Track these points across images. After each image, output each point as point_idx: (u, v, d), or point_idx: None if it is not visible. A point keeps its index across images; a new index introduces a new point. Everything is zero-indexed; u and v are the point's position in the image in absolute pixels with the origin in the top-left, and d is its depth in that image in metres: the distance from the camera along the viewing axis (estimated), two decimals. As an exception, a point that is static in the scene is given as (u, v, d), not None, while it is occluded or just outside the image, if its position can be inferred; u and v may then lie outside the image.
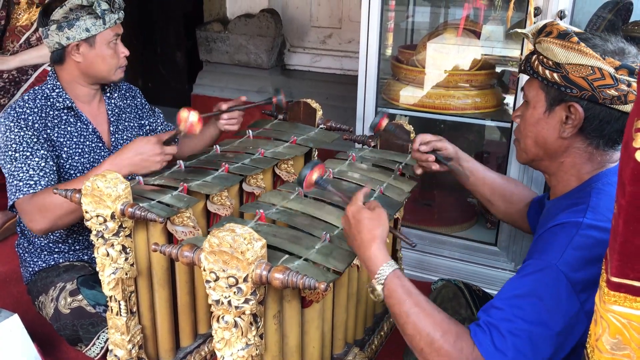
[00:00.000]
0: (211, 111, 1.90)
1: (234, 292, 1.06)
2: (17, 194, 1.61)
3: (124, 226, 1.37)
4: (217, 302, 1.09)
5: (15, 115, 1.68)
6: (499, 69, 2.41)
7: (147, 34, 4.61)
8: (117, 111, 1.90)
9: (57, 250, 1.84)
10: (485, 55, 2.36)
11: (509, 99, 2.35)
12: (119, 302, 1.43)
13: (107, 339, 1.58)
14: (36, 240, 1.84)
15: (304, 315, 1.33)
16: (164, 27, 4.54)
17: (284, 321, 1.27)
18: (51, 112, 1.74)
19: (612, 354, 0.73)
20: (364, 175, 1.66)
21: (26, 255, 1.88)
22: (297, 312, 1.28)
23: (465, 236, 2.38)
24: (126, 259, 1.40)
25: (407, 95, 2.37)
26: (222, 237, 1.05)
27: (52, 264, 1.84)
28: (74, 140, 1.78)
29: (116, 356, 1.48)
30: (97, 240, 1.37)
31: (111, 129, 1.87)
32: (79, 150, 1.78)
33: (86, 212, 1.36)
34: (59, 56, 1.74)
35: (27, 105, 1.71)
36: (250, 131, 1.92)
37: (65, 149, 1.75)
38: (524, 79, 1.26)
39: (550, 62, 1.13)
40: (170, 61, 4.61)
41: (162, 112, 2.11)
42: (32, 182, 1.62)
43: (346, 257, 1.24)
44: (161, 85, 4.69)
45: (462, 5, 2.56)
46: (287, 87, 3.92)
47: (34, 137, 1.67)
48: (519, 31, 1.31)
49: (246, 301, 1.07)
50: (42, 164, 1.65)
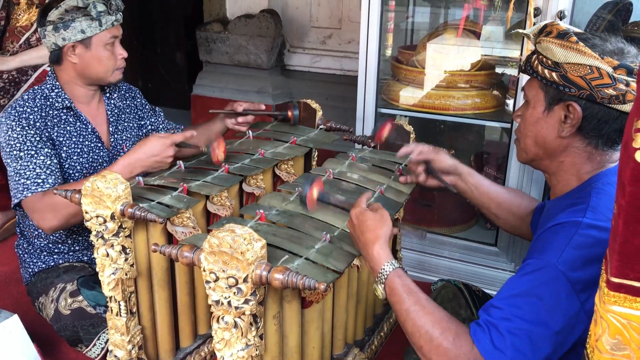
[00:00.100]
0: (212, 110, 1.93)
1: (234, 293, 1.06)
2: (25, 192, 1.61)
3: (123, 227, 1.37)
4: (217, 302, 1.09)
5: (16, 114, 1.68)
6: (498, 70, 2.41)
7: (147, 35, 4.61)
8: (116, 111, 1.90)
9: (56, 251, 1.84)
10: (485, 55, 2.37)
11: (509, 100, 2.35)
12: (119, 302, 1.43)
13: (107, 340, 1.58)
14: (36, 241, 1.84)
15: (304, 315, 1.33)
16: (164, 28, 4.54)
17: (284, 322, 1.27)
18: (51, 112, 1.74)
19: (612, 354, 0.73)
20: (364, 176, 1.66)
21: (26, 256, 1.88)
22: (297, 312, 1.28)
23: (465, 237, 2.38)
24: (126, 260, 1.39)
25: (407, 95, 2.37)
26: (222, 237, 1.05)
27: (52, 264, 1.84)
28: (73, 140, 1.78)
29: (116, 357, 1.48)
30: (97, 240, 1.37)
31: (110, 129, 1.87)
32: (78, 150, 1.78)
33: (86, 212, 1.36)
34: (56, 57, 1.74)
35: (27, 104, 1.71)
36: (250, 132, 1.92)
37: (64, 148, 1.75)
38: (525, 79, 1.27)
39: (549, 62, 1.13)
40: (170, 62, 4.61)
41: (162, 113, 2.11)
42: (39, 181, 1.62)
43: (346, 257, 1.24)
44: (161, 85, 4.69)
45: (462, 5, 2.56)
46: (287, 88, 3.92)
47: (36, 135, 1.67)
48: (520, 32, 1.31)
49: (246, 302, 1.07)
50: (48, 162, 1.66)
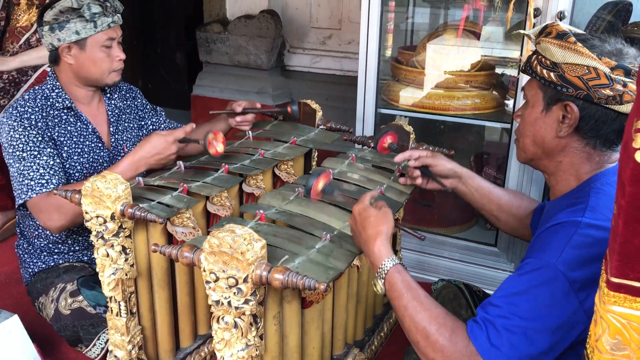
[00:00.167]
0: (212, 112, 1.94)
1: (234, 293, 1.06)
2: (30, 193, 1.61)
3: (123, 227, 1.37)
4: (217, 302, 1.09)
5: (17, 114, 1.68)
6: (498, 70, 2.41)
7: (148, 35, 4.61)
8: (117, 112, 1.90)
9: (56, 251, 1.84)
10: (484, 56, 2.37)
11: (509, 100, 2.35)
12: (119, 302, 1.43)
13: (107, 340, 1.59)
14: (36, 241, 1.84)
15: (304, 315, 1.33)
16: (164, 28, 4.54)
17: (284, 322, 1.27)
18: (51, 112, 1.75)
19: (612, 354, 0.73)
20: (364, 176, 1.66)
21: (26, 256, 1.88)
22: (297, 312, 1.28)
23: (465, 237, 2.38)
24: (126, 260, 1.39)
25: (407, 96, 2.37)
26: (222, 237, 1.05)
27: (52, 264, 1.84)
28: (74, 139, 1.78)
29: (116, 357, 1.48)
30: (97, 241, 1.37)
31: (111, 129, 1.87)
32: (79, 150, 1.78)
33: (86, 212, 1.36)
34: (54, 57, 1.74)
35: (28, 104, 1.71)
36: (250, 132, 1.92)
37: (65, 148, 1.75)
38: (525, 79, 1.27)
39: (548, 62, 1.14)
40: (170, 62, 4.61)
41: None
42: (43, 181, 1.62)
43: (346, 257, 1.24)
44: (161, 86, 4.69)
45: (461, 6, 2.56)
46: (287, 88, 3.92)
47: (38, 135, 1.67)
48: (522, 32, 1.32)
49: (246, 302, 1.07)
50: (51, 163, 1.66)
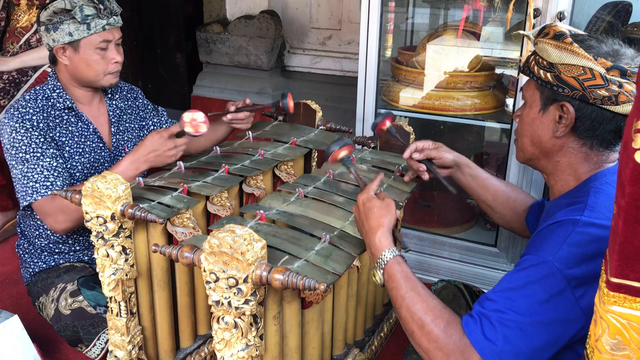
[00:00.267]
0: (211, 112, 1.92)
1: (234, 293, 1.06)
2: (35, 196, 1.62)
3: (124, 227, 1.37)
4: (217, 303, 1.09)
5: (19, 115, 1.68)
6: (498, 71, 2.41)
7: (147, 35, 4.61)
8: (118, 112, 1.90)
9: (57, 251, 1.84)
10: (484, 56, 2.37)
11: (509, 100, 2.35)
12: (119, 303, 1.43)
13: (107, 340, 1.58)
14: (36, 241, 1.84)
15: (304, 316, 1.33)
16: (164, 29, 4.54)
17: (284, 322, 1.27)
18: (52, 112, 1.75)
19: (612, 354, 0.73)
20: (364, 176, 1.66)
21: (26, 256, 1.88)
22: (297, 313, 1.28)
23: (465, 237, 2.38)
24: (126, 260, 1.39)
25: (407, 96, 2.37)
26: (222, 237, 1.05)
27: (53, 264, 1.84)
28: (75, 140, 1.78)
29: (116, 357, 1.48)
30: (97, 241, 1.37)
31: (112, 129, 1.87)
32: (80, 150, 1.78)
33: (86, 213, 1.36)
34: (52, 57, 1.74)
35: (29, 105, 1.71)
36: (250, 132, 1.92)
37: (67, 148, 1.75)
38: (524, 80, 1.28)
39: (544, 62, 1.15)
40: (170, 62, 4.61)
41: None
42: (48, 183, 1.62)
43: (346, 258, 1.24)
44: (161, 86, 4.69)
45: (461, 6, 2.56)
46: (286, 89, 3.92)
47: (40, 137, 1.68)
48: (522, 33, 1.32)
49: (246, 302, 1.07)
50: (54, 164, 1.66)
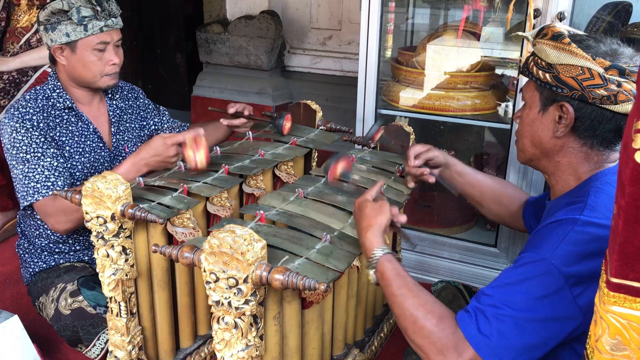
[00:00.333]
0: (210, 108, 2.01)
1: (234, 293, 1.06)
2: (36, 196, 1.62)
3: (124, 227, 1.37)
4: (217, 303, 1.09)
5: (19, 115, 1.68)
6: (498, 71, 2.41)
7: (148, 35, 4.61)
8: (118, 112, 1.90)
9: (57, 250, 1.84)
10: (484, 56, 2.37)
11: (509, 101, 2.35)
12: (119, 303, 1.42)
13: (107, 340, 1.58)
14: (37, 240, 1.84)
15: (304, 316, 1.33)
16: (164, 29, 4.54)
17: (284, 322, 1.27)
18: (53, 112, 1.75)
19: (612, 354, 0.73)
20: (364, 176, 1.66)
21: (26, 255, 1.88)
22: (297, 313, 1.28)
23: (465, 237, 2.38)
24: (126, 260, 1.39)
25: (407, 96, 2.37)
26: (222, 238, 1.05)
27: (53, 264, 1.84)
28: (75, 139, 1.78)
29: (116, 357, 1.48)
30: (98, 241, 1.37)
31: (112, 129, 1.87)
32: (80, 149, 1.78)
33: (86, 213, 1.36)
34: (51, 56, 1.75)
35: (29, 105, 1.71)
36: (250, 133, 1.92)
37: (67, 148, 1.75)
38: (524, 81, 1.28)
39: (543, 63, 1.15)
40: (170, 62, 4.61)
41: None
42: (49, 184, 1.62)
43: (346, 257, 1.24)
44: (161, 86, 4.69)
45: (461, 7, 2.56)
46: (287, 89, 3.92)
47: (41, 136, 1.68)
48: (520, 34, 1.32)
49: (246, 302, 1.07)
50: (55, 164, 1.66)
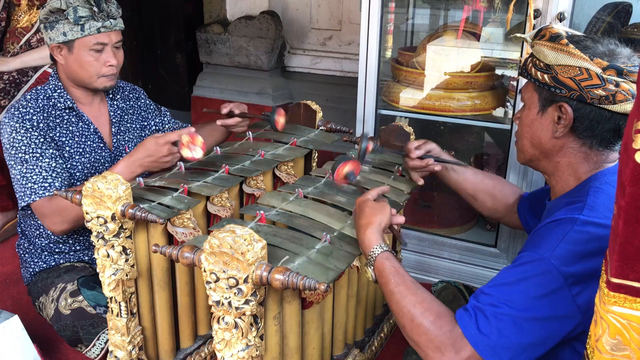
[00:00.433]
0: (205, 110, 2.03)
1: (235, 293, 1.06)
2: (33, 197, 1.62)
3: (124, 227, 1.37)
4: (218, 303, 1.09)
5: (19, 115, 1.68)
6: (498, 71, 2.41)
7: (147, 36, 4.61)
8: (119, 112, 1.90)
9: (57, 250, 1.84)
10: (484, 57, 2.37)
11: (509, 101, 2.35)
12: (119, 303, 1.43)
13: (107, 340, 1.58)
14: (37, 240, 1.84)
15: (304, 316, 1.33)
16: (164, 29, 4.54)
17: (284, 322, 1.27)
18: (53, 112, 1.75)
19: (612, 354, 0.73)
20: (364, 176, 1.66)
21: (27, 255, 1.88)
22: (297, 313, 1.28)
23: (465, 238, 2.38)
24: (126, 260, 1.40)
25: (407, 97, 2.37)
26: (222, 238, 1.05)
27: (53, 264, 1.84)
28: (76, 139, 1.78)
29: (116, 357, 1.48)
30: (98, 241, 1.37)
31: (113, 130, 1.87)
32: (80, 150, 1.78)
33: (87, 213, 1.36)
34: (51, 55, 1.75)
35: (30, 105, 1.71)
36: (250, 133, 1.92)
37: (67, 148, 1.75)
38: (524, 82, 1.28)
39: (541, 64, 1.15)
40: (170, 63, 4.61)
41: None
42: (46, 184, 1.62)
43: (346, 257, 1.24)
44: (161, 86, 4.69)
45: (461, 7, 2.56)
46: (287, 89, 3.92)
47: (40, 137, 1.68)
48: (519, 35, 1.32)
49: (246, 302, 1.07)
50: (53, 165, 1.66)
